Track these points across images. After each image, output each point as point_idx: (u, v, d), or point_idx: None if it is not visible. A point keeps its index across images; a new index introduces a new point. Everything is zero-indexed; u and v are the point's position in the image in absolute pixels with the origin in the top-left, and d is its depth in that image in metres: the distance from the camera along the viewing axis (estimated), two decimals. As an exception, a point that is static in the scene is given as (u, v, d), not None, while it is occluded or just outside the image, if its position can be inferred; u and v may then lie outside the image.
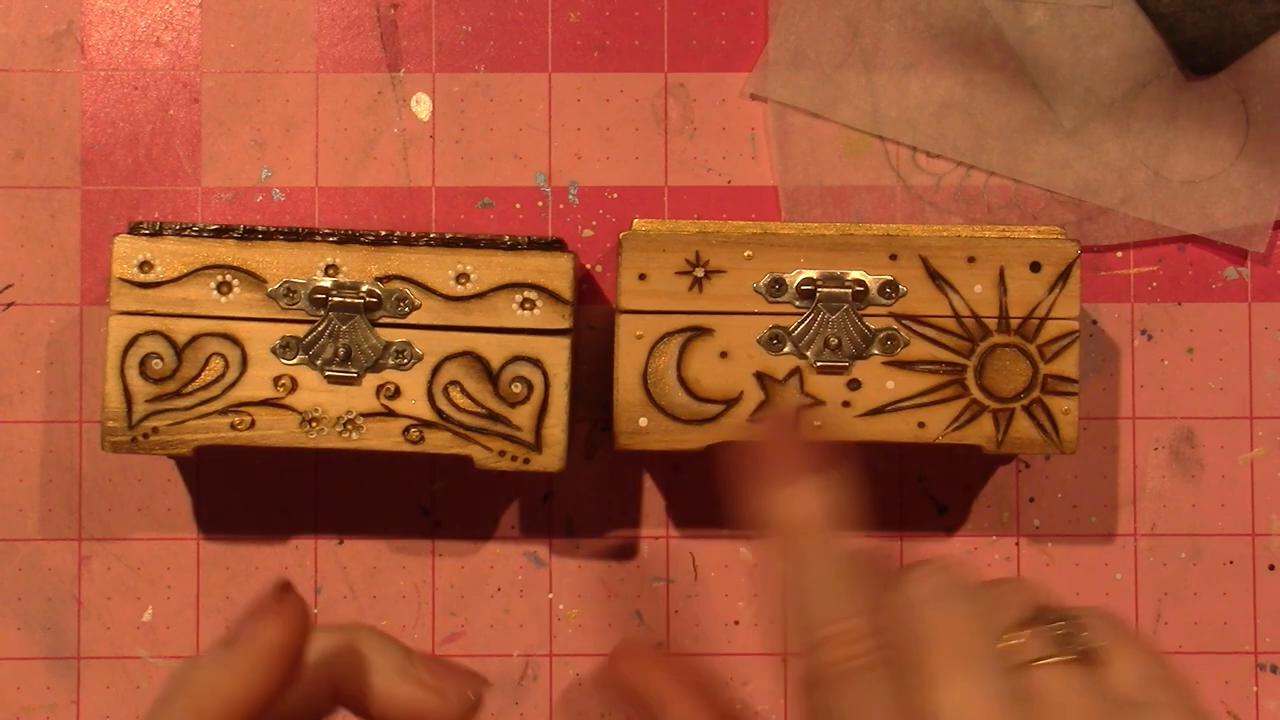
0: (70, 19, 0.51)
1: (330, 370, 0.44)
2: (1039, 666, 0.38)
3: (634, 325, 0.45)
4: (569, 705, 0.50)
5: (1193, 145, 0.51)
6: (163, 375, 0.44)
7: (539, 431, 0.45)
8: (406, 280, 0.45)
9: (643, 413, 0.44)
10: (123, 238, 0.44)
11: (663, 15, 0.51)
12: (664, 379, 0.44)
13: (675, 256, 0.44)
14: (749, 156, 0.51)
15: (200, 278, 0.44)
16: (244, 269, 0.44)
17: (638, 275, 0.44)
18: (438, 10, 0.51)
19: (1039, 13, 0.51)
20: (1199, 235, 0.51)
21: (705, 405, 0.44)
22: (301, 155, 0.50)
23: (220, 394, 0.44)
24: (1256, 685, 0.51)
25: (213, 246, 0.44)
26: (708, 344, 0.44)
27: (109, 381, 0.44)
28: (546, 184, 0.51)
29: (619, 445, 0.44)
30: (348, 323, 0.44)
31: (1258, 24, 0.50)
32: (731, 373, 0.44)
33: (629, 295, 0.44)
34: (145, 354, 0.44)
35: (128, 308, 0.44)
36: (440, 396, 0.45)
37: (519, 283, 0.45)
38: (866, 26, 0.51)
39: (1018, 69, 0.51)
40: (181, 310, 0.44)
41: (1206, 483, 0.51)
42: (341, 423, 0.45)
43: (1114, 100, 0.51)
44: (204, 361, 0.44)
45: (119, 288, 0.44)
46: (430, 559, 0.50)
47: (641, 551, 0.51)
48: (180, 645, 0.50)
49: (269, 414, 0.44)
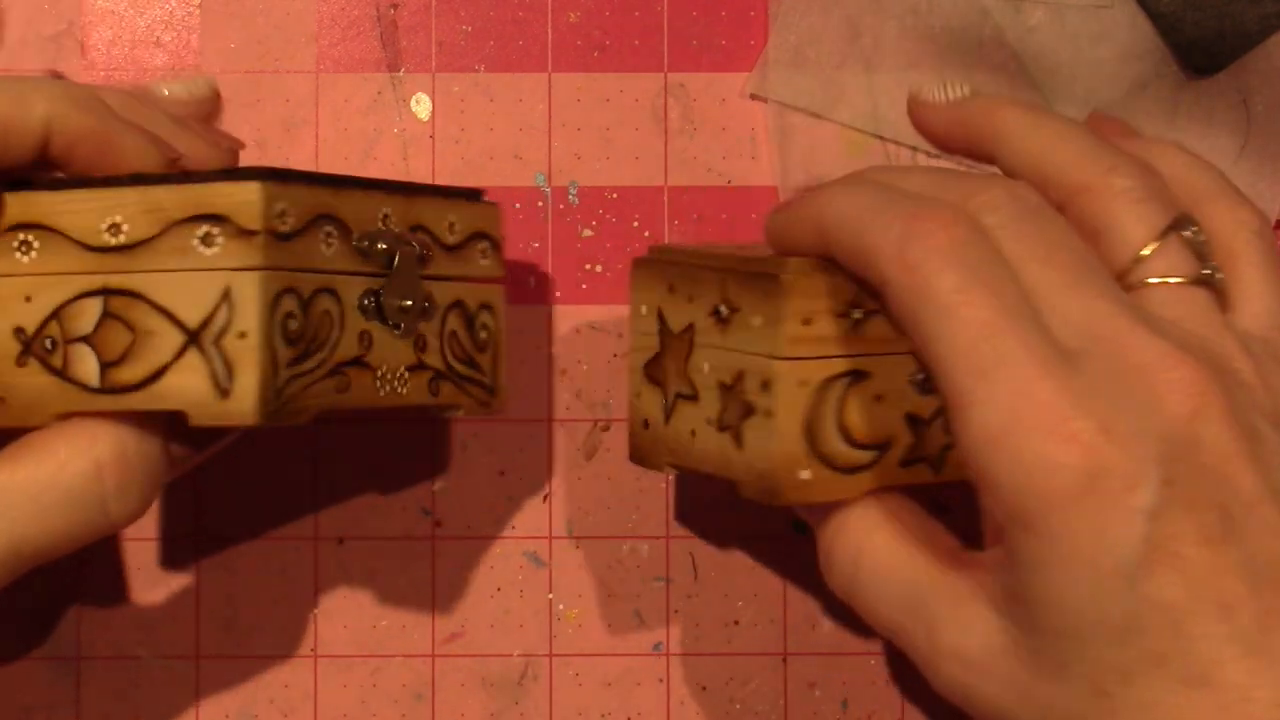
0: (70, 19, 0.51)
1: (397, 323, 0.42)
2: (1159, 286, 0.37)
3: (798, 372, 0.40)
4: (569, 705, 0.50)
5: (1193, 145, 0.51)
6: (297, 336, 0.40)
7: (496, 377, 0.45)
8: (424, 230, 0.43)
9: (806, 465, 0.40)
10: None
11: (663, 15, 0.51)
12: (825, 427, 0.40)
13: (835, 301, 0.40)
14: (749, 156, 0.51)
15: (312, 229, 0.41)
16: (339, 218, 0.41)
17: (802, 321, 0.40)
18: (438, 10, 0.51)
19: (1039, 13, 0.51)
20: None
21: (861, 452, 0.41)
22: (301, 155, 0.51)
23: (329, 354, 0.41)
24: (1256, 685, 0.51)
25: (318, 194, 0.41)
26: (865, 388, 0.41)
27: (263, 350, 0.39)
28: (546, 184, 0.51)
29: (779, 499, 0.40)
30: (409, 274, 0.42)
31: (1258, 23, 0.50)
32: (885, 416, 0.41)
33: (794, 343, 0.40)
34: (285, 313, 0.40)
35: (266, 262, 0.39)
36: (447, 347, 0.44)
37: (482, 232, 0.45)
38: (867, 26, 0.51)
39: (1018, 69, 0.51)
40: (304, 264, 0.40)
41: (1206, 483, 0.51)
42: (397, 377, 0.43)
43: (1114, 100, 0.51)
44: (320, 319, 0.41)
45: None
46: (430, 559, 0.50)
47: (641, 551, 0.51)
48: (180, 645, 0.50)
49: (355, 373, 0.42)
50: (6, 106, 0.40)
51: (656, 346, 0.43)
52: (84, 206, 0.40)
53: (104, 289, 0.40)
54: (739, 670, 0.50)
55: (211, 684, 0.50)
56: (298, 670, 0.50)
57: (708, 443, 0.42)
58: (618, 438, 0.50)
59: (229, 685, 0.50)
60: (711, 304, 0.42)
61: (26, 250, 0.41)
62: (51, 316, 0.40)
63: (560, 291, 0.51)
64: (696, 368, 0.42)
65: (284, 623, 0.50)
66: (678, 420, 0.43)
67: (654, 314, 0.43)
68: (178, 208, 0.40)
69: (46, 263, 0.40)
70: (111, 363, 0.40)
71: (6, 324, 0.41)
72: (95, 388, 0.40)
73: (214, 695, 0.50)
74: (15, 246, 0.41)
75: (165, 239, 0.40)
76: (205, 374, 0.39)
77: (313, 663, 0.50)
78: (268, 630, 0.50)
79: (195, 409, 0.39)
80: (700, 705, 0.50)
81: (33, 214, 0.41)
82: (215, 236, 0.39)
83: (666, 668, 0.50)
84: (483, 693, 0.50)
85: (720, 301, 0.41)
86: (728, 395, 0.41)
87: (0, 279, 0.41)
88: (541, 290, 0.51)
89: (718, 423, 0.41)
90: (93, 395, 0.40)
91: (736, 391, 0.41)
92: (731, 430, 0.41)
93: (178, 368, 0.39)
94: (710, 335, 0.42)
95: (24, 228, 0.41)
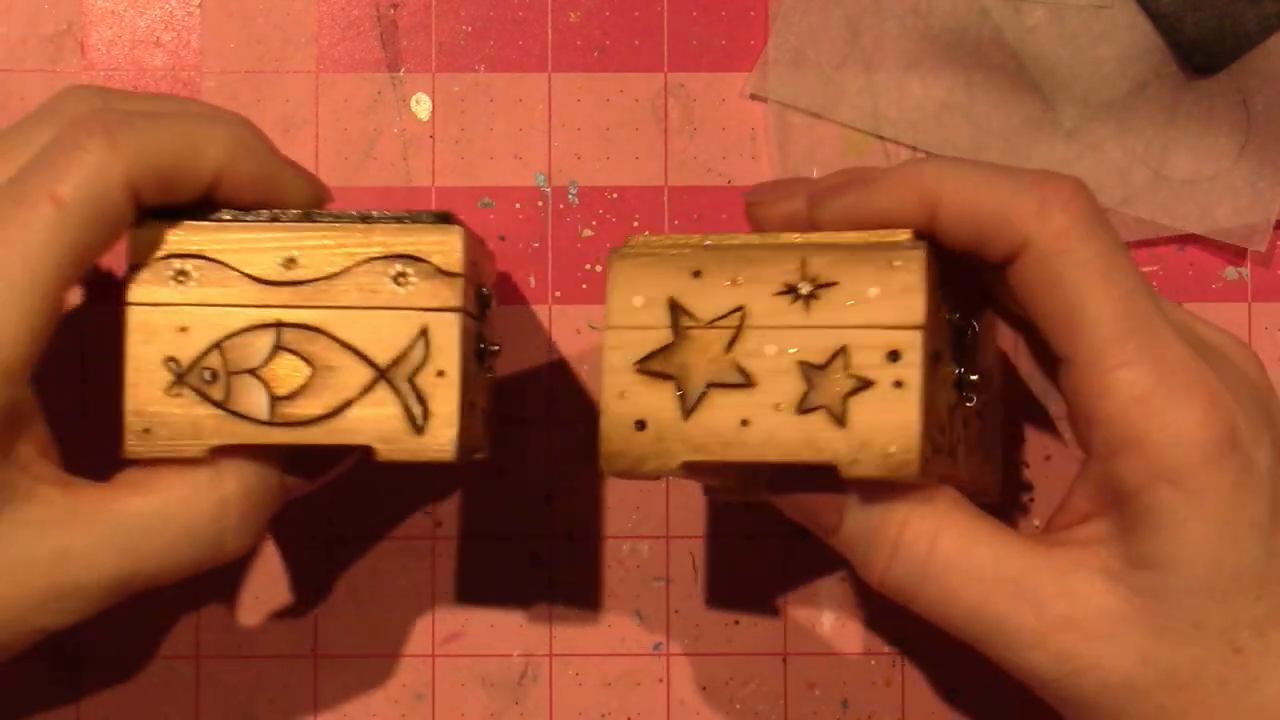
0: (70, 19, 0.51)
1: (489, 366, 0.45)
2: None
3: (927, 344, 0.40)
4: (569, 705, 0.50)
5: (1193, 145, 0.51)
6: (473, 376, 0.42)
7: None
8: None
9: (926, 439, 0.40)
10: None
11: (663, 15, 0.51)
12: (936, 404, 0.41)
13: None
14: (749, 156, 0.51)
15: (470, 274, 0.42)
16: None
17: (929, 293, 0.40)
18: (438, 10, 0.51)
19: (1039, 13, 0.51)
20: (1200, 234, 0.51)
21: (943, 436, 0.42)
22: (301, 155, 0.50)
23: (475, 393, 0.43)
24: (1256, 685, 0.51)
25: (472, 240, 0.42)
26: (941, 370, 0.42)
27: (461, 388, 0.41)
28: (546, 184, 0.51)
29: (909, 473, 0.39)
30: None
31: (1258, 23, 0.50)
32: (944, 401, 0.43)
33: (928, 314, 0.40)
34: (467, 353, 0.42)
35: (463, 304, 0.41)
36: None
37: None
38: (866, 26, 0.51)
39: (1018, 69, 0.51)
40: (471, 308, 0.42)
41: (1206, 483, 0.51)
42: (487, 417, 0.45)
43: (1114, 100, 0.51)
44: (470, 359, 0.43)
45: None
46: (430, 559, 0.50)
47: (641, 551, 0.51)
48: (181, 645, 0.50)
49: (475, 413, 0.43)
50: (179, 153, 0.40)
51: (664, 339, 0.41)
52: (254, 239, 0.41)
53: (278, 323, 0.40)
54: (739, 670, 0.50)
55: (211, 684, 0.50)
56: (298, 670, 0.50)
57: (776, 428, 0.40)
58: (618, 438, 0.50)
59: (229, 685, 0.50)
60: (781, 283, 0.41)
61: (183, 280, 0.41)
62: (213, 348, 0.40)
63: (560, 291, 0.51)
64: (752, 352, 0.41)
65: (284, 623, 0.50)
66: (711, 412, 0.41)
67: (660, 304, 0.41)
68: (367, 247, 0.41)
69: (207, 294, 0.41)
70: (284, 396, 0.40)
71: (157, 353, 0.40)
72: (264, 420, 0.40)
73: (214, 695, 0.50)
74: (171, 276, 0.41)
75: (350, 276, 0.40)
76: (397, 410, 0.40)
77: (313, 663, 0.50)
78: (268, 630, 0.50)
79: (385, 445, 0.40)
80: (700, 705, 0.50)
81: (192, 244, 0.41)
82: (409, 277, 0.40)
83: (666, 668, 0.50)
84: (483, 693, 0.50)
85: (800, 279, 0.41)
86: (817, 374, 0.40)
87: (153, 308, 0.41)
88: (541, 290, 0.51)
89: (796, 405, 0.40)
90: (262, 428, 0.40)
91: (833, 369, 0.40)
92: (826, 410, 0.40)
93: (364, 403, 0.40)
94: (779, 316, 0.41)
95: (181, 257, 0.41)
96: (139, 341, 0.41)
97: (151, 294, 0.41)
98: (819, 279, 0.40)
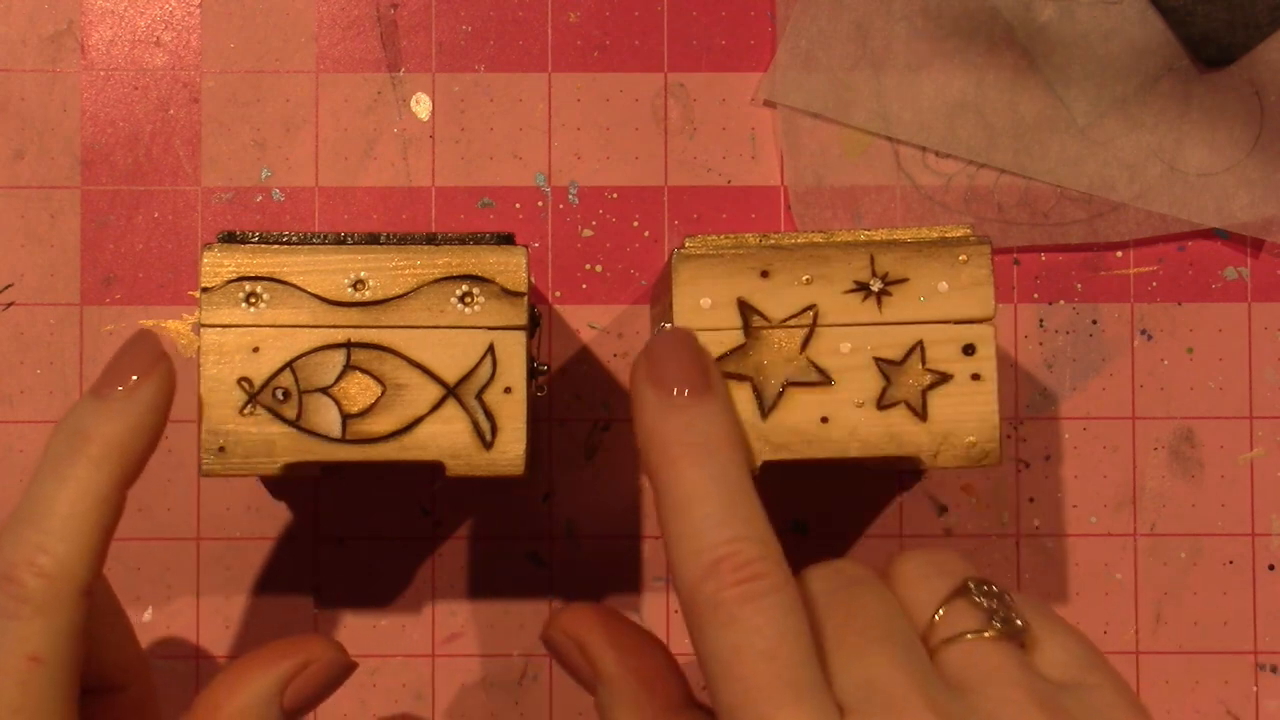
0: (70, 19, 0.51)
1: (542, 386, 0.47)
2: (964, 642, 0.37)
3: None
4: (569, 705, 0.51)
5: (1207, 138, 0.51)
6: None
7: None
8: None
9: None
10: None
11: (663, 15, 0.51)
12: None
13: None
14: (749, 156, 0.51)
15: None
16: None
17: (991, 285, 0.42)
18: (438, 10, 0.51)
19: (1049, 10, 0.51)
20: (1216, 228, 0.51)
21: None
22: (301, 155, 0.50)
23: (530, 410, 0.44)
24: (1256, 685, 0.51)
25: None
26: None
27: (527, 405, 0.42)
28: (546, 184, 0.51)
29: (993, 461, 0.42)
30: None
31: (1269, 15, 0.50)
32: None
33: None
34: (528, 370, 0.43)
35: (527, 323, 0.42)
36: None
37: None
38: (876, 29, 0.51)
39: (1029, 67, 0.51)
40: None
41: (1206, 483, 0.51)
42: None
43: (1126, 95, 0.51)
44: None
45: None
46: (430, 559, 0.50)
47: (641, 551, 0.51)
48: (180, 645, 0.50)
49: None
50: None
51: (735, 340, 0.42)
52: (322, 261, 0.42)
53: (348, 342, 0.41)
54: (737, 671, 0.51)
55: (213, 682, 0.50)
56: (298, 669, 0.50)
57: (858, 425, 0.41)
58: (618, 437, 0.51)
59: (231, 682, 0.50)
60: (851, 280, 0.42)
61: (255, 302, 0.41)
62: (285, 367, 0.41)
63: (560, 291, 0.51)
64: (828, 350, 0.42)
65: (284, 622, 0.50)
66: (791, 411, 0.42)
67: (730, 305, 0.42)
68: (433, 268, 0.42)
69: (279, 315, 0.41)
70: (355, 414, 0.41)
71: (230, 374, 0.41)
72: (337, 438, 0.41)
73: (216, 692, 0.50)
74: (242, 298, 0.41)
75: (418, 297, 0.42)
76: (466, 426, 0.41)
77: (314, 661, 0.50)
78: (268, 630, 0.50)
79: (454, 460, 0.41)
80: (699, 704, 0.51)
81: (262, 266, 0.42)
82: (476, 296, 0.42)
83: (665, 667, 0.51)
84: (483, 693, 0.50)
85: (871, 276, 0.42)
86: (894, 370, 0.41)
87: (225, 329, 0.41)
88: (541, 290, 0.51)
89: (876, 401, 0.41)
90: (334, 445, 0.41)
91: (910, 364, 0.41)
92: (906, 404, 0.41)
93: (434, 419, 0.42)
94: (852, 313, 0.42)
95: (252, 279, 0.42)
96: (213, 362, 0.41)
97: (224, 316, 0.41)
98: (889, 276, 0.42)
